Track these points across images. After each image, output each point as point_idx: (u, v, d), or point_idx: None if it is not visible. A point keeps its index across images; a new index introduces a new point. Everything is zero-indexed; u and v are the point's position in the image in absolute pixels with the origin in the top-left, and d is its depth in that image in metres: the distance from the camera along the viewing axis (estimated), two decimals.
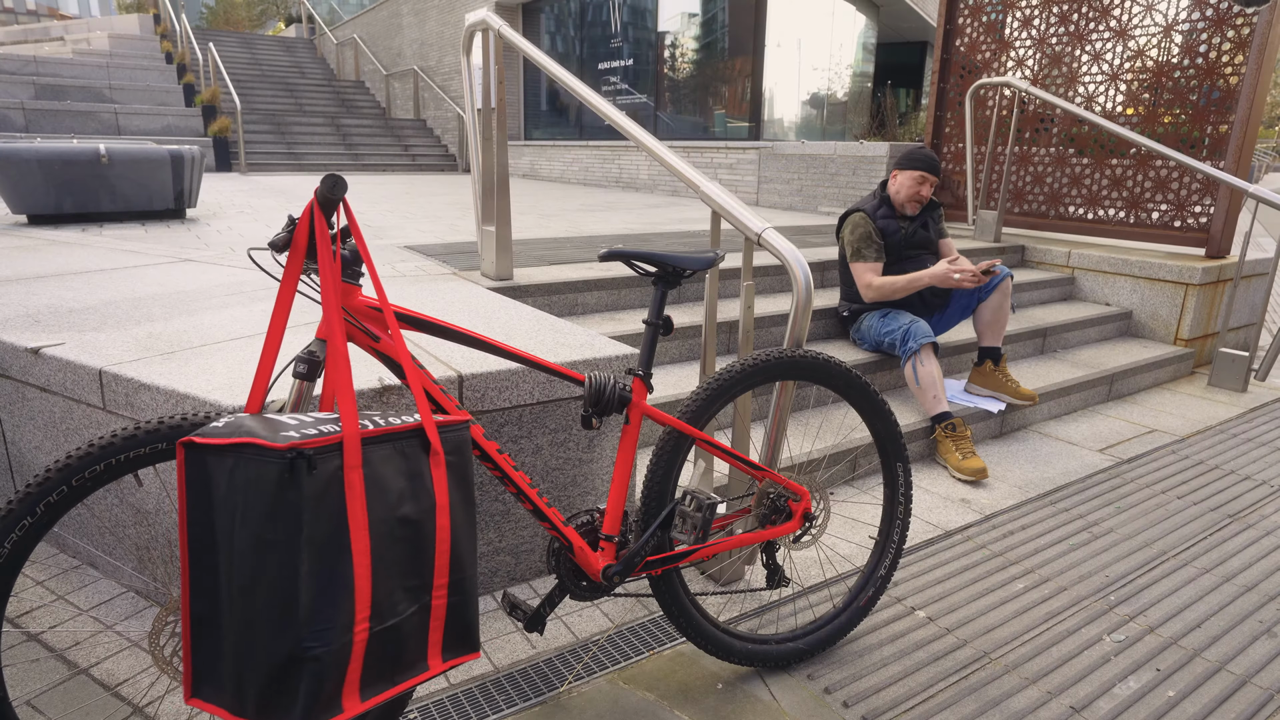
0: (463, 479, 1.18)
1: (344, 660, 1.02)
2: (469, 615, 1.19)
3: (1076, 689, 1.67)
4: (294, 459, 0.98)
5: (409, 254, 3.59)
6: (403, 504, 1.09)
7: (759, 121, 8.27)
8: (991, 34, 5.05)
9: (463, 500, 1.18)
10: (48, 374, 1.89)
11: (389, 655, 1.09)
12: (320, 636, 1.00)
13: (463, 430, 1.20)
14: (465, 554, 1.18)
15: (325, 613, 1.00)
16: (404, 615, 1.10)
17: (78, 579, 1.97)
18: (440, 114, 12.29)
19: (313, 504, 1.00)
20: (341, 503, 1.03)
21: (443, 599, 1.15)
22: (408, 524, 1.10)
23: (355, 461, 1.04)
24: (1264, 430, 3.30)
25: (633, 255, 1.53)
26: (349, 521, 1.03)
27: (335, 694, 1.02)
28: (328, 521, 1.01)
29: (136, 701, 1.54)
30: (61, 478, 1.11)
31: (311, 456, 0.99)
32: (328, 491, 1.01)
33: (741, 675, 1.69)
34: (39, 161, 4.10)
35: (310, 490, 0.99)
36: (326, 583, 1.01)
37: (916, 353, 2.82)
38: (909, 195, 3.02)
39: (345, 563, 1.03)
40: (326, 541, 1.01)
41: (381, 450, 1.08)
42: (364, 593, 1.04)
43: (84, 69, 10.68)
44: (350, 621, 1.03)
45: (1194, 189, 4.32)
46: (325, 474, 1.01)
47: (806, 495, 1.71)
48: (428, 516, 1.12)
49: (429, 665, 1.14)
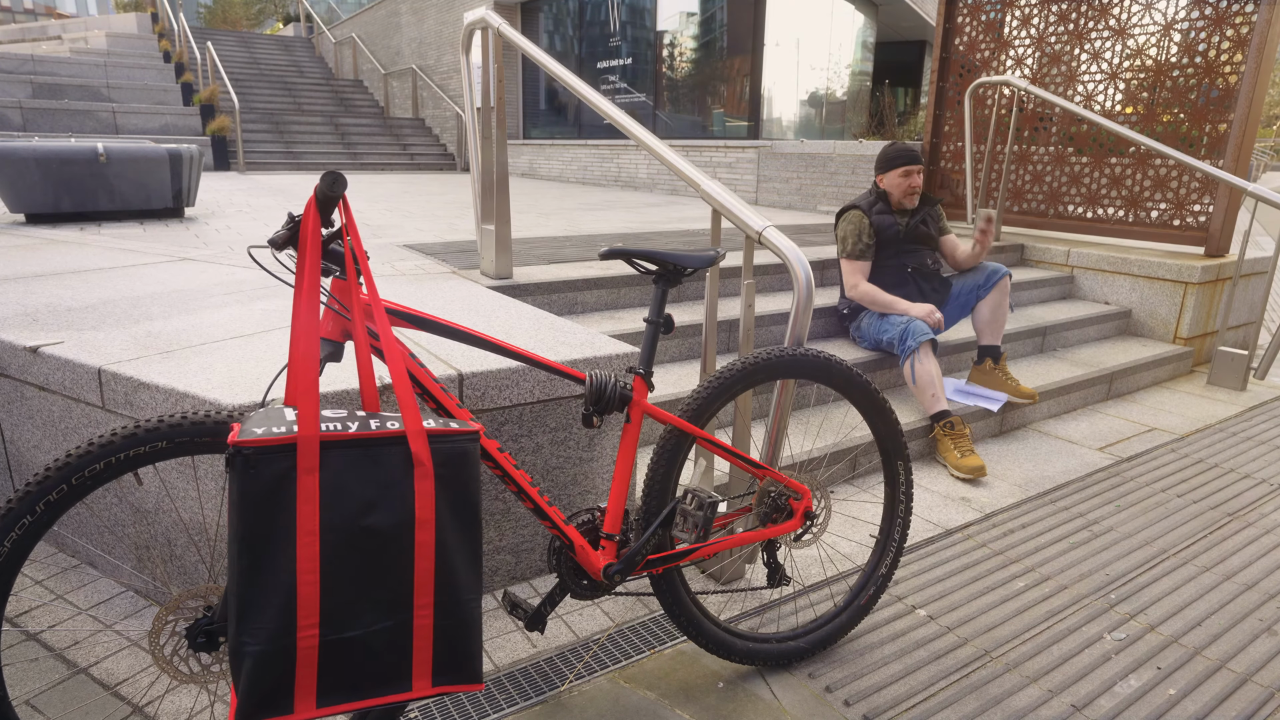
0: (460, 494, 1.11)
1: (288, 662, 1.01)
2: (467, 642, 1.13)
3: (1077, 687, 1.67)
4: (231, 455, 0.98)
5: (408, 252, 3.58)
6: (368, 514, 1.05)
7: (758, 120, 8.27)
8: (990, 33, 5.04)
9: (458, 518, 1.11)
10: (46, 373, 1.89)
11: (353, 666, 1.06)
12: (254, 634, 0.99)
13: (462, 442, 1.12)
14: (460, 576, 1.11)
15: (262, 612, 0.99)
16: (371, 628, 1.06)
17: (77, 578, 1.96)
18: (439, 113, 12.28)
19: (251, 502, 0.99)
20: (290, 505, 1.00)
21: (428, 619, 1.09)
22: (374, 535, 1.05)
23: (310, 465, 1.01)
24: (1263, 428, 3.30)
25: (634, 253, 1.53)
26: (297, 524, 1.00)
27: (284, 693, 1.02)
28: (267, 521, 1.00)
29: (136, 701, 1.54)
30: (61, 476, 1.11)
31: (250, 455, 0.98)
32: (274, 492, 1.00)
33: (742, 674, 1.69)
34: (37, 160, 4.09)
35: (249, 488, 0.99)
36: (263, 583, 1.00)
37: (915, 351, 2.82)
38: (902, 191, 3.03)
39: (288, 567, 1.00)
40: (264, 540, 1.00)
41: (348, 455, 1.04)
42: (309, 599, 1.01)
43: (82, 68, 10.66)
44: (290, 626, 1.01)
45: (1193, 188, 4.33)
46: (271, 474, 0.99)
47: (807, 494, 1.71)
48: (403, 530, 1.06)
49: (413, 686, 1.10)
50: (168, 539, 1.79)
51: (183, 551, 1.77)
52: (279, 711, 1.02)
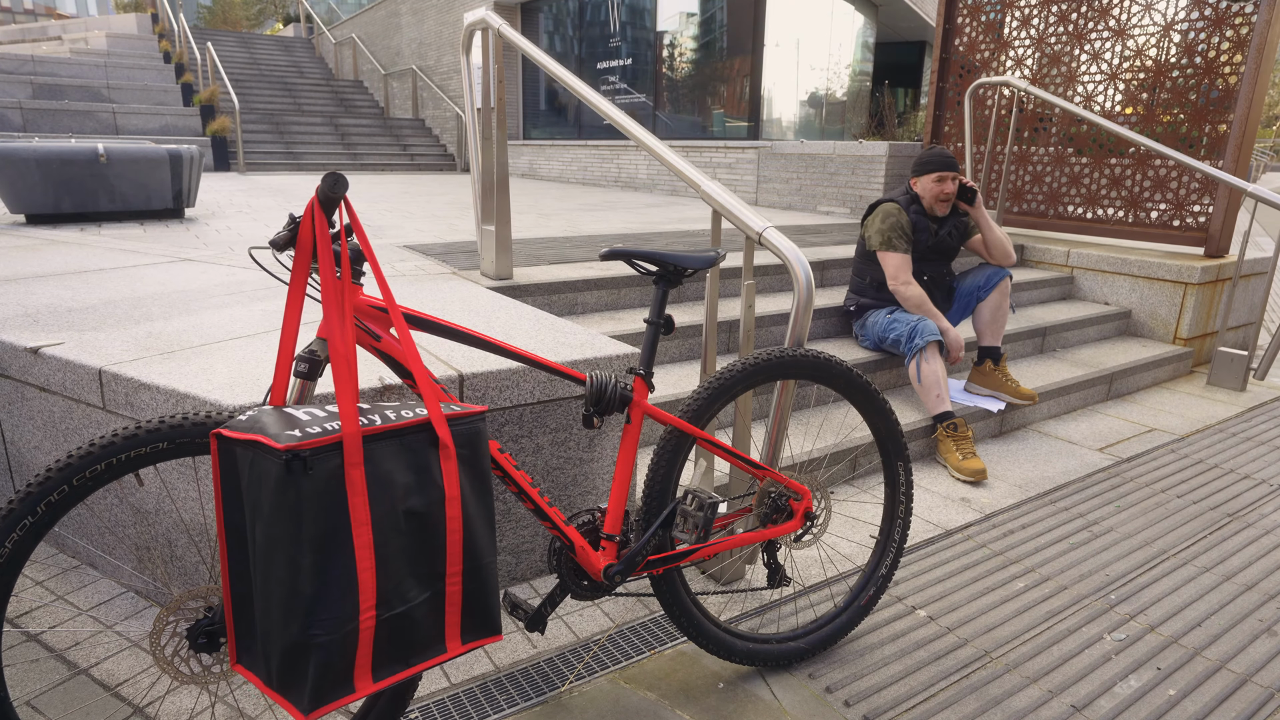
0: (476, 470, 1.20)
1: (351, 645, 1.06)
2: (488, 600, 1.21)
3: (1077, 688, 1.67)
4: (289, 460, 1.00)
5: (408, 253, 3.59)
6: (409, 497, 1.11)
7: (758, 121, 8.27)
8: (990, 33, 5.05)
9: (476, 491, 1.20)
10: (47, 374, 1.89)
11: (401, 639, 1.12)
12: (324, 625, 1.03)
13: (476, 423, 1.20)
14: (481, 542, 1.20)
15: (329, 604, 1.04)
16: (415, 602, 1.13)
17: (77, 579, 1.96)
18: (439, 113, 12.28)
19: (311, 503, 1.02)
20: (343, 500, 1.05)
21: (457, 585, 1.17)
22: (414, 517, 1.12)
23: (356, 459, 1.06)
24: (1263, 429, 3.30)
25: (634, 254, 1.53)
26: (351, 518, 1.05)
27: (345, 675, 1.07)
28: (328, 518, 1.03)
29: (137, 702, 1.54)
30: (62, 477, 1.11)
31: (307, 458, 1.01)
32: (327, 489, 1.03)
33: (743, 674, 1.69)
34: (37, 161, 4.09)
35: (308, 489, 1.01)
36: (329, 576, 1.04)
37: (922, 350, 2.81)
38: (934, 196, 2.97)
39: (348, 557, 1.05)
40: (327, 537, 1.03)
41: (386, 446, 1.10)
42: (368, 585, 1.07)
43: (82, 68, 10.67)
44: (355, 611, 1.06)
45: (1193, 188, 4.33)
46: (324, 473, 1.03)
47: (808, 494, 1.71)
48: (436, 508, 1.14)
49: (447, 647, 1.18)
50: (168, 540, 1.79)
51: (183, 552, 1.77)
52: (342, 693, 1.07)
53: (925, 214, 3.03)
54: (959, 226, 3.12)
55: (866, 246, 3.08)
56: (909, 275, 2.97)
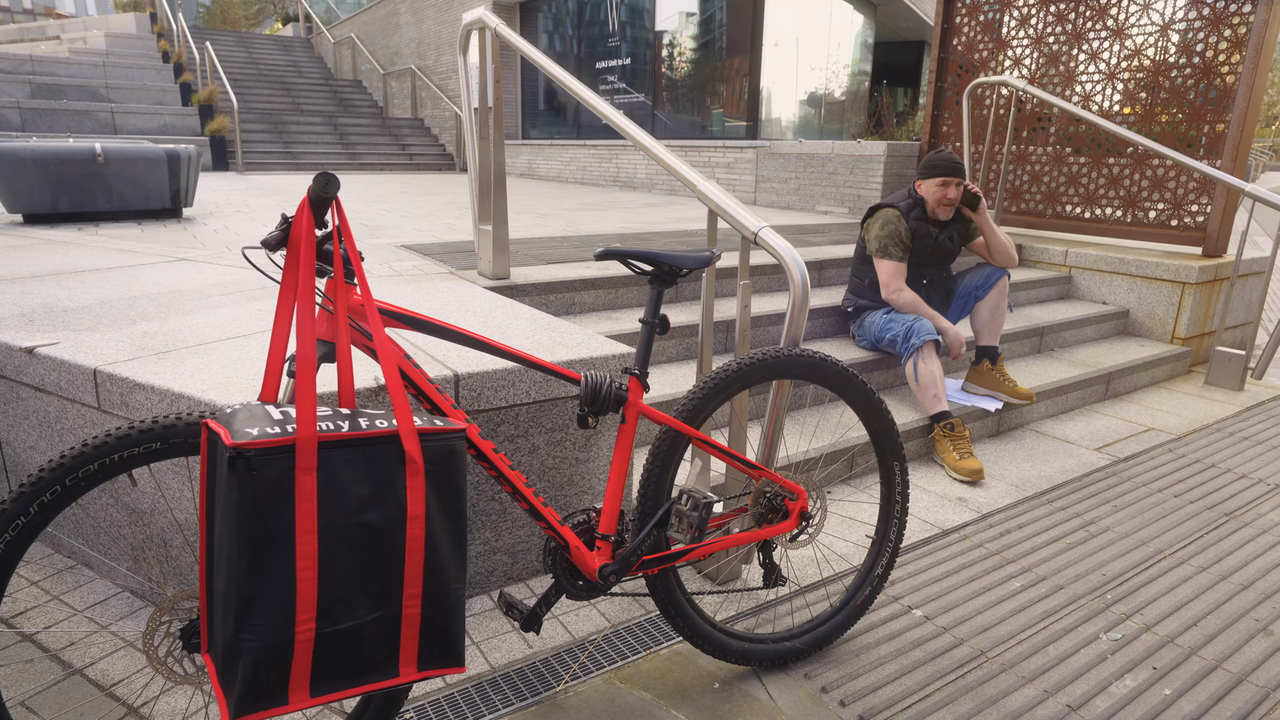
0: (448, 490, 1.14)
1: (285, 655, 1.03)
2: (451, 626, 1.16)
3: (1073, 687, 1.67)
4: (233, 458, 0.98)
5: (406, 253, 3.58)
6: (365, 510, 1.07)
7: (756, 120, 8.27)
8: (989, 33, 5.05)
9: (445, 512, 1.14)
10: (42, 374, 1.88)
11: (346, 656, 1.09)
12: (255, 631, 1.01)
13: (451, 440, 1.15)
14: (446, 566, 1.14)
15: (262, 609, 1.01)
16: (363, 620, 1.08)
17: (73, 579, 1.96)
18: (438, 113, 12.28)
19: (253, 504, 1.00)
20: (289, 504, 1.02)
21: (416, 608, 1.12)
22: (370, 530, 1.08)
23: (309, 465, 1.03)
24: (1260, 429, 3.30)
25: (629, 254, 1.53)
26: (296, 524, 1.02)
27: (279, 685, 1.03)
28: (269, 522, 1.01)
29: (131, 702, 1.54)
30: (55, 477, 1.10)
31: (252, 458, 0.99)
32: (273, 492, 1.01)
33: (738, 674, 1.69)
34: (34, 160, 4.09)
35: (251, 490, 0.99)
36: (264, 581, 1.01)
37: (919, 349, 2.81)
38: (937, 200, 2.96)
39: (287, 563, 1.02)
40: (266, 541, 1.01)
41: (344, 455, 1.06)
42: (307, 595, 1.03)
43: (80, 68, 10.65)
44: (290, 620, 1.03)
45: (1191, 188, 4.33)
46: (271, 475, 1.00)
47: (803, 494, 1.71)
48: (396, 525, 1.09)
49: (400, 672, 1.13)
50: (163, 540, 1.79)
51: (178, 552, 1.77)
52: (274, 704, 1.04)
53: (927, 218, 3.02)
54: (960, 230, 3.12)
55: (865, 250, 3.09)
56: (901, 283, 2.98)
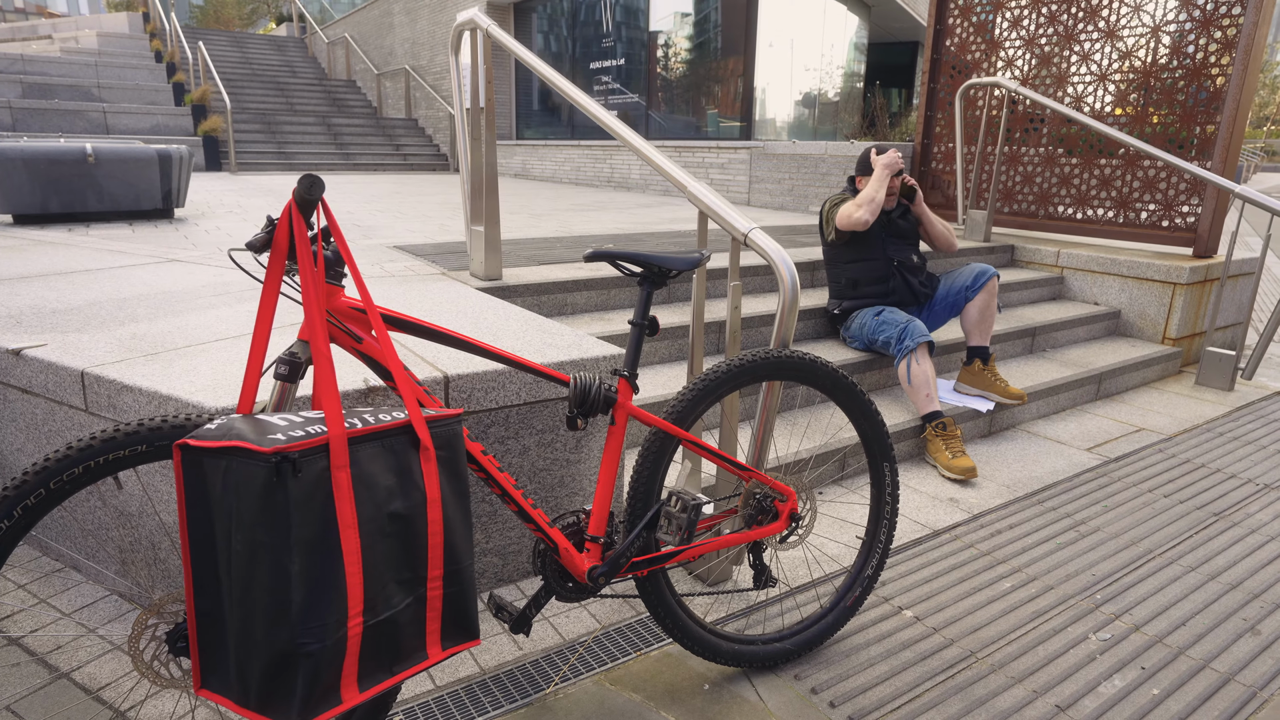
0: (455, 473, 1.19)
1: (339, 654, 1.05)
2: (467, 604, 1.21)
3: (1062, 687, 1.67)
4: (279, 463, 0.98)
5: (398, 254, 3.58)
6: (392, 500, 1.11)
7: (750, 121, 8.28)
8: (981, 34, 5.06)
9: (455, 493, 1.19)
10: (29, 376, 1.87)
11: (386, 646, 1.11)
12: (314, 633, 1.01)
13: (454, 425, 1.20)
14: (460, 545, 1.19)
15: (318, 610, 1.02)
16: (398, 608, 1.12)
17: (60, 582, 1.95)
18: (432, 113, 12.26)
19: (300, 506, 1.01)
20: (330, 503, 1.04)
21: (438, 590, 1.16)
22: (397, 519, 1.11)
23: (342, 462, 1.05)
24: (1250, 429, 3.32)
25: (618, 255, 1.53)
26: (338, 521, 1.04)
27: (333, 686, 1.05)
28: (316, 522, 1.02)
29: (118, 705, 1.53)
30: (39, 480, 1.10)
31: (296, 460, 1.00)
32: (315, 493, 1.02)
33: (728, 676, 1.69)
34: (25, 161, 4.06)
35: (297, 493, 1.00)
36: (318, 582, 1.02)
37: (913, 351, 2.82)
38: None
39: (336, 561, 1.04)
40: (316, 542, 1.02)
41: (369, 449, 1.09)
42: (356, 590, 1.06)
43: (72, 67, 10.61)
44: (344, 618, 1.04)
45: (1182, 189, 4.35)
46: (311, 476, 1.02)
47: (793, 495, 1.71)
48: (418, 511, 1.13)
49: (428, 654, 1.17)
50: (151, 542, 1.78)
51: (166, 555, 1.76)
52: (330, 705, 1.04)
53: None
54: (907, 215, 3.21)
55: (827, 237, 3.17)
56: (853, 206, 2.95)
